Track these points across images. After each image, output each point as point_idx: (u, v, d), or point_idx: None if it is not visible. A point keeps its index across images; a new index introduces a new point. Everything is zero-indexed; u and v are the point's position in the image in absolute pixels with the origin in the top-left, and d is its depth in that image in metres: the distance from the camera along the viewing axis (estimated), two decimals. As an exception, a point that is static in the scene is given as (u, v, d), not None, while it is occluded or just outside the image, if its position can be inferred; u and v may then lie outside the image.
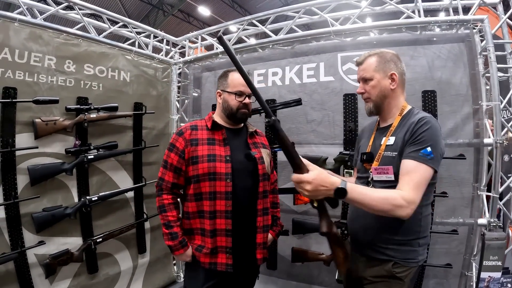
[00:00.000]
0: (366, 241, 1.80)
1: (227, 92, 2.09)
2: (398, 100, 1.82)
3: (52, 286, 2.80)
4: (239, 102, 2.06)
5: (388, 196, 1.51)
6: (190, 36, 3.97)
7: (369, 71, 1.80)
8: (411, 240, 1.68)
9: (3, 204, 2.51)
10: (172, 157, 2.03)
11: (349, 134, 3.01)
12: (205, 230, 1.99)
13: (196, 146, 2.01)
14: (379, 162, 1.75)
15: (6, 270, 2.52)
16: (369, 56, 1.84)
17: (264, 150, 2.20)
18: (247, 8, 15.99)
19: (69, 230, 2.90)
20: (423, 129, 1.62)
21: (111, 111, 3.13)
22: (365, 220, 1.77)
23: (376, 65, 1.79)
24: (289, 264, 3.18)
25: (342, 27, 3.08)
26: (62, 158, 2.86)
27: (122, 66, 3.37)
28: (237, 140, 2.13)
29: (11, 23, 2.59)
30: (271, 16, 3.43)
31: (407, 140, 1.64)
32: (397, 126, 1.77)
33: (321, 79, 3.19)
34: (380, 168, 1.73)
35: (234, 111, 2.07)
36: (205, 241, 1.99)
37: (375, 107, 1.83)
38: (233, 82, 2.09)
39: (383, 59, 1.80)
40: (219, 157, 1.99)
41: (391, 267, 1.68)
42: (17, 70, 2.60)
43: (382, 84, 1.78)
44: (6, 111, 2.55)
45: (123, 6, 13.84)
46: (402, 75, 1.83)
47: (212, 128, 2.09)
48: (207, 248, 1.96)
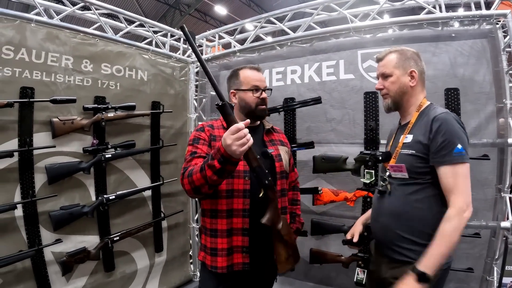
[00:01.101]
0: (387, 242, 1.77)
1: (242, 90, 2.01)
2: (417, 97, 1.81)
3: (69, 284, 2.79)
4: (257, 98, 1.99)
5: (447, 227, 1.53)
6: (207, 35, 3.92)
7: (389, 67, 1.80)
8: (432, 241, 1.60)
9: (20, 203, 2.51)
10: (200, 147, 1.89)
11: (369, 133, 2.90)
12: (218, 230, 1.89)
13: (215, 142, 1.92)
14: (396, 160, 1.76)
15: (23, 267, 2.53)
16: (390, 52, 1.84)
17: (282, 147, 2.13)
18: (263, 7, 15.87)
19: (86, 228, 2.90)
20: (442, 130, 1.60)
21: (129, 110, 3.11)
22: (385, 220, 1.78)
23: (396, 62, 1.79)
24: (306, 265, 3.07)
25: (362, 24, 2.98)
26: (80, 157, 2.86)
27: (139, 65, 3.35)
28: (255, 138, 1.99)
29: (27, 24, 2.60)
30: (288, 14, 3.34)
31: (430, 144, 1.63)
32: (414, 122, 1.76)
33: (341, 77, 3.09)
34: (395, 166, 1.74)
35: (253, 108, 1.99)
36: (218, 242, 1.88)
37: (393, 103, 1.83)
38: (247, 78, 2.01)
39: (404, 56, 1.80)
40: None
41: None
42: (34, 70, 2.61)
43: (401, 80, 1.78)
44: (24, 111, 2.56)
45: (140, 7, 13.93)
46: (422, 73, 1.82)
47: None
48: (222, 249, 1.87)
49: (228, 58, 3.78)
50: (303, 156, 3.16)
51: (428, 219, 1.63)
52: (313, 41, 3.25)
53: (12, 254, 2.42)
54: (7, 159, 2.45)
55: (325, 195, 2.91)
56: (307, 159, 3.08)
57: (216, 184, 1.69)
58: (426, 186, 1.67)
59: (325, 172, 2.94)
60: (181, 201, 3.71)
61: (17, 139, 2.54)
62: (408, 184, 1.69)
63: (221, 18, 16.26)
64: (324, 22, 3.55)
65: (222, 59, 3.84)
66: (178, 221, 3.74)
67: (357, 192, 2.81)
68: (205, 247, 1.95)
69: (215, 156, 1.59)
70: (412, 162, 1.67)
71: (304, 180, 3.15)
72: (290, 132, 3.23)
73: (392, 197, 1.77)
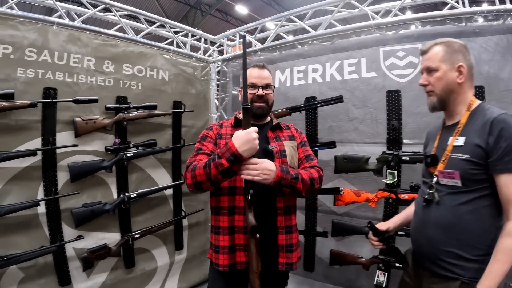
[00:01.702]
0: (430, 255, 1.60)
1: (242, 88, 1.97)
2: (466, 95, 1.62)
3: (89, 279, 2.85)
4: (252, 95, 1.94)
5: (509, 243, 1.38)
6: (228, 34, 3.90)
7: (435, 61, 1.61)
8: (482, 257, 1.43)
9: (43, 200, 2.58)
10: (206, 144, 1.91)
11: (392, 133, 2.78)
12: (220, 227, 1.84)
13: (220, 139, 1.93)
14: (446, 165, 1.56)
15: (44, 262, 2.60)
16: (435, 44, 1.65)
17: (288, 142, 2.02)
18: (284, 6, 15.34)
19: (108, 225, 2.94)
20: (505, 134, 1.42)
21: (150, 110, 3.13)
22: (430, 230, 1.59)
23: (442, 55, 1.60)
24: (326, 266, 3.03)
25: (383, 20, 2.87)
26: (102, 155, 2.91)
27: (160, 65, 3.37)
28: (260, 135, 1.90)
29: (49, 27, 2.67)
30: (309, 11, 3.27)
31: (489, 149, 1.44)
32: (465, 123, 1.57)
33: (363, 75, 2.98)
34: (446, 172, 1.54)
35: None
36: (220, 239, 1.83)
37: (439, 101, 1.63)
38: None
39: (451, 49, 1.61)
40: None
41: (458, 287, 1.47)
42: (57, 71, 2.67)
43: (448, 76, 1.59)
44: (47, 111, 2.63)
45: (161, 8, 13.98)
46: (470, 68, 1.63)
47: (235, 125, 1.99)
48: (224, 247, 1.81)
49: (249, 57, 3.72)
50: (325, 156, 3.07)
51: (480, 233, 1.46)
52: (334, 39, 3.16)
53: (34, 250, 2.49)
54: (30, 158, 2.52)
55: (347, 195, 2.83)
56: (328, 159, 3.00)
57: (218, 182, 1.68)
58: (481, 196, 1.48)
59: (346, 172, 2.86)
60: (202, 199, 3.70)
61: (40, 138, 2.61)
62: (460, 193, 1.50)
63: (242, 18, 16.03)
64: (345, 20, 3.45)
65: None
66: (199, 220, 3.74)
67: (379, 193, 2.71)
68: (211, 244, 1.92)
69: (224, 154, 1.57)
70: (467, 168, 1.48)
71: (326, 180, 3.01)
72: (311, 131, 3.16)
73: (441, 207, 1.57)
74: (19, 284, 2.50)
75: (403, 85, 2.78)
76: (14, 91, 2.42)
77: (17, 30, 2.52)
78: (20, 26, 2.53)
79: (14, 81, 2.49)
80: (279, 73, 3.43)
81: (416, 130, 2.71)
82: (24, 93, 2.51)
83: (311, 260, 3.21)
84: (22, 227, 2.52)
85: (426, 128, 2.60)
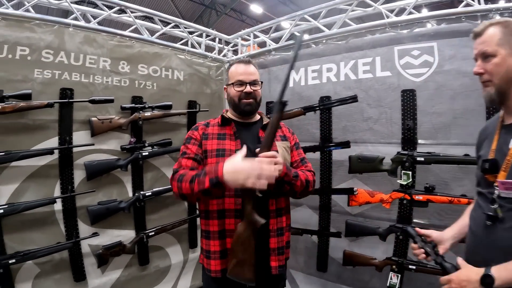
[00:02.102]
0: None
1: (229, 85, 1.93)
2: None
3: (104, 275, 2.88)
4: (239, 92, 1.86)
5: None
6: (242, 34, 3.87)
7: (491, 44, 1.32)
8: None
9: (60, 197, 2.63)
10: (190, 147, 1.82)
11: (407, 133, 2.71)
12: (210, 232, 1.77)
13: (207, 140, 1.84)
14: (508, 173, 1.27)
15: (60, 258, 2.64)
16: (491, 25, 1.36)
17: (282, 143, 1.93)
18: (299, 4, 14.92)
19: (123, 223, 2.97)
20: None
21: (165, 110, 3.15)
22: (489, 252, 1.31)
23: (500, 37, 1.32)
24: (339, 267, 2.99)
25: (398, 19, 2.79)
26: (118, 154, 2.94)
27: (175, 66, 3.38)
28: (249, 134, 1.90)
29: (65, 28, 2.72)
30: (323, 10, 3.22)
31: None
32: None
33: (378, 75, 2.90)
34: (509, 182, 1.26)
35: (237, 102, 1.88)
36: (211, 244, 1.76)
37: (498, 93, 1.34)
38: (232, 73, 1.93)
39: (509, 30, 1.32)
40: (228, 151, 1.79)
41: None
42: (73, 72, 2.72)
43: (508, 62, 1.30)
44: (64, 111, 2.68)
45: (176, 8, 14.01)
46: None
47: (222, 124, 1.92)
48: (215, 252, 1.74)
49: (263, 57, 3.71)
50: (339, 156, 3.03)
51: None
52: (349, 38, 3.09)
53: (50, 246, 2.55)
54: (47, 156, 2.57)
55: (361, 196, 2.77)
56: (343, 159, 2.95)
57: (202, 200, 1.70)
58: None
59: (361, 173, 2.80)
60: (217, 199, 3.66)
61: (57, 138, 2.66)
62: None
63: (257, 17, 15.88)
64: (360, 18, 3.38)
65: (258, 58, 3.76)
66: (213, 219, 3.70)
67: (393, 194, 2.64)
68: (202, 249, 1.88)
69: (210, 173, 1.51)
70: None
71: (340, 180, 3.04)
72: (326, 131, 3.10)
73: (506, 225, 1.26)
74: (35, 279, 2.55)
75: (418, 84, 2.70)
76: (31, 91, 2.47)
77: (33, 32, 2.57)
78: (36, 28, 2.59)
79: (31, 81, 2.54)
80: (293, 72, 3.38)
81: (431, 130, 2.64)
82: (41, 94, 2.56)
83: (324, 260, 3.17)
84: (39, 224, 2.57)
85: (441, 128, 2.60)
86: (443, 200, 2.37)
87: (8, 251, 2.42)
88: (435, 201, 2.42)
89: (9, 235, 2.45)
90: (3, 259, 2.36)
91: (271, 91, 3.49)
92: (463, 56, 2.48)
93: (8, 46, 2.46)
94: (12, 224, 2.46)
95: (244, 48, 3.98)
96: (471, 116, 2.44)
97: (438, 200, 2.40)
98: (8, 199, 2.47)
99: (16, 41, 2.50)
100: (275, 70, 3.54)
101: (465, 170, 2.43)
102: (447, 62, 2.58)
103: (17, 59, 2.50)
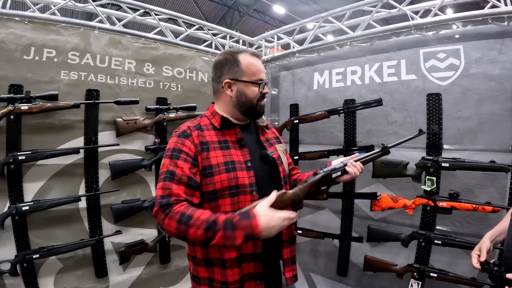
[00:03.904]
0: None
1: (243, 81, 1.51)
2: None
3: (125, 272, 2.83)
4: (260, 93, 1.54)
5: None
6: (266, 36, 3.73)
7: None
8: None
9: (85, 195, 2.59)
10: (181, 165, 1.37)
11: (432, 138, 2.53)
12: (225, 260, 1.40)
13: (208, 152, 1.42)
14: None
15: (83, 255, 2.61)
16: None
17: (279, 146, 1.68)
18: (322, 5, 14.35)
19: (145, 221, 2.91)
20: None
21: (190, 111, 3.07)
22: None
23: None
24: (359, 272, 2.85)
25: (423, 21, 2.61)
26: (142, 154, 2.89)
27: (199, 67, 3.29)
28: (251, 139, 1.59)
29: (91, 31, 2.68)
30: (347, 12, 3.05)
31: None
32: None
33: (403, 78, 2.73)
34: None
35: (254, 104, 1.53)
36: (228, 274, 1.40)
37: None
38: (251, 68, 1.51)
39: None
40: (238, 164, 1.44)
41: None
42: (99, 73, 2.68)
43: None
44: (90, 111, 2.63)
45: (199, 9, 13.76)
46: None
47: (222, 127, 1.51)
48: (234, 283, 1.39)
49: (287, 59, 3.57)
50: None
51: None
52: (373, 40, 2.92)
53: (74, 242, 2.51)
54: (73, 155, 2.53)
55: (384, 201, 2.61)
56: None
57: None
58: None
59: (385, 177, 2.64)
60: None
61: (83, 137, 2.62)
62: None
63: (280, 18, 15.37)
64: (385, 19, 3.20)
65: (282, 60, 3.62)
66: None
67: (417, 200, 2.48)
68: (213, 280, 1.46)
69: (240, 228, 1.20)
70: None
71: (363, 185, 2.88)
72: (350, 134, 2.95)
73: None
74: (57, 274, 2.53)
75: (443, 88, 2.52)
76: (57, 92, 2.42)
77: (60, 35, 2.54)
78: (62, 31, 2.55)
79: (57, 83, 2.51)
80: (318, 75, 3.23)
81: (456, 135, 2.47)
82: (67, 95, 2.53)
83: (344, 264, 3.01)
84: (63, 221, 2.55)
85: (467, 133, 2.44)
86: (467, 207, 2.23)
87: (32, 247, 2.40)
88: (459, 208, 2.27)
89: (34, 231, 2.43)
90: (27, 254, 2.34)
91: (295, 93, 3.36)
92: (490, 59, 2.34)
93: (35, 48, 2.43)
94: (37, 220, 2.43)
95: (267, 49, 3.84)
96: (497, 122, 2.30)
97: (463, 207, 2.26)
98: (34, 196, 2.45)
99: (43, 44, 2.47)
100: (299, 72, 3.40)
101: (491, 177, 2.30)
102: (473, 65, 2.41)
103: (44, 61, 2.47)
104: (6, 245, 2.34)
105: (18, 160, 2.31)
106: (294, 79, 3.43)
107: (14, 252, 2.34)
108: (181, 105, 3.03)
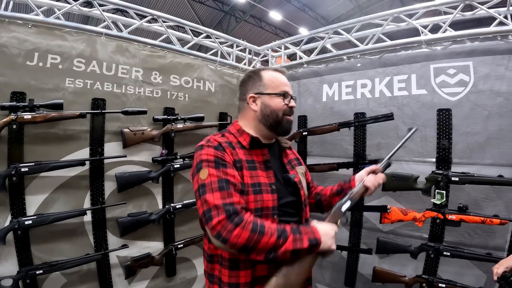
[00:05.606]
0: None
1: (267, 94, 1.43)
2: None
3: (130, 286, 2.63)
4: (285, 105, 1.44)
5: None
6: (273, 45, 3.57)
7: None
8: None
9: (90, 209, 2.38)
10: (232, 173, 1.27)
11: (442, 152, 2.46)
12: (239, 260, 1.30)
13: (241, 170, 1.32)
14: None
15: (88, 269, 2.41)
16: None
17: (299, 168, 1.58)
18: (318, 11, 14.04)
19: (152, 234, 2.71)
20: None
21: (197, 121, 2.87)
22: None
23: None
24: (367, 283, 2.74)
25: (434, 36, 2.54)
26: (149, 166, 2.69)
27: (207, 77, 3.10)
28: (275, 160, 1.49)
29: (97, 37, 2.47)
30: (356, 25, 2.93)
31: None
32: None
33: (413, 92, 2.64)
34: None
35: (280, 117, 1.43)
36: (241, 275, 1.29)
37: None
38: (274, 81, 1.45)
39: None
40: (264, 186, 1.33)
41: None
42: (105, 82, 2.47)
43: None
44: (96, 121, 2.42)
45: (196, 14, 13.50)
46: None
47: (251, 147, 1.41)
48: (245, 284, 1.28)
49: (294, 69, 3.40)
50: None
51: None
52: (383, 53, 2.80)
53: (79, 257, 2.31)
54: (78, 167, 2.31)
55: (394, 214, 2.52)
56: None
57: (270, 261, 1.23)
58: None
59: (395, 191, 2.54)
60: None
61: (88, 148, 2.40)
62: None
63: (276, 24, 15.11)
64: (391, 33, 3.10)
65: (289, 70, 3.43)
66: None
67: (426, 213, 2.41)
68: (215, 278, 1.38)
69: (304, 233, 1.21)
70: None
71: (372, 198, 2.72)
72: (359, 147, 2.83)
73: None
74: (61, 290, 2.31)
75: (453, 103, 2.45)
76: (63, 101, 2.20)
77: (65, 40, 2.32)
78: (68, 36, 2.34)
79: (62, 91, 2.29)
80: (327, 86, 3.10)
81: (465, 150, 2.40)
82: (72, 103, 2.31)
83: (352, 276, 2.88)
84: (67, 235, 2.34)
85: (476, 148, 2.37)
86: (476, 220, 2.20)
87: (35, 262, 2.18)
88: (468, 221, 2.23)
89: (37, 246, 2.21)
90: (30, 269, 2.12)
91: (301, 104, 3.20)
92: (497, 75, 2.30)
93: (38, 54, 2.21)
94: (41, 234, 2.22)
95: (273, 59, 3.68)
96: (505, 137, 2.26)
97: (471, 220, 2.21)
98: (37, 209, 2.23)
99: (47, 49, 2.25)
100: (306, 82, 3.25)
101: (498, 190, 2.27)
102: (481, 81, 2.37)
103: (48, 67, 2.25)
104: (8, 261, 2.11)
105: (20, 172, 2.08)
106: (300, 89, 3.28)
107: (16, 268, 2.11)
108: (188, 115, 2.84)
